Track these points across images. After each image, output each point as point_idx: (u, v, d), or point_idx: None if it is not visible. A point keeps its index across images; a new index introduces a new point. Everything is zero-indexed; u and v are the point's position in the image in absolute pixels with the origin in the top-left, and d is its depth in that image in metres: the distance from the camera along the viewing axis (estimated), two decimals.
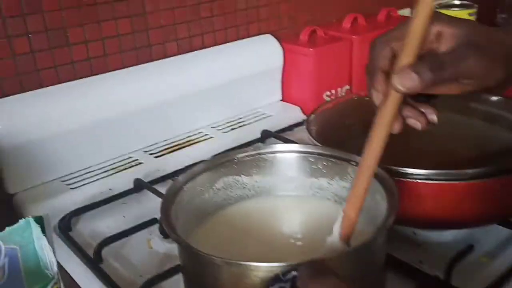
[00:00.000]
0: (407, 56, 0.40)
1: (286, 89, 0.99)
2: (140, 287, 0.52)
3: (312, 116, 0.66)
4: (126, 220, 0.67)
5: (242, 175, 0.55)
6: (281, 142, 0.81)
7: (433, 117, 0.46)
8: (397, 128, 0.45)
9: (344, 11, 1.03)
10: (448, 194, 0.53)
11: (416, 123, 0.45)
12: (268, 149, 0.56)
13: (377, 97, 0.45)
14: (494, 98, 0.69)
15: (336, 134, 0.64)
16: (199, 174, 0.52)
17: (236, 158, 0.55)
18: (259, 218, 0.54)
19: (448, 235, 0.59)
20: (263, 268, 0.37)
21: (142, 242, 0.63)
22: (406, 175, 0.53)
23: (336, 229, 0.43)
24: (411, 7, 1.22)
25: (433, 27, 0.43)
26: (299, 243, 0.50)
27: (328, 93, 0.96)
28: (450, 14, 0.45)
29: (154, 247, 0.62)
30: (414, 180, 0.53)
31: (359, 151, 0.57)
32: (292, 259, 0.37)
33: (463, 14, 1.15)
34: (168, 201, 0.47)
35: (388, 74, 0.43)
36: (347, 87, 1.00)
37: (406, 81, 0.39)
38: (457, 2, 1.24)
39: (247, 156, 0.55)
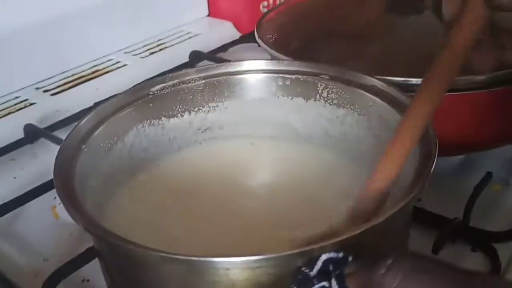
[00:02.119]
0: None
1: (213, 1, 0.81)
2: (46, 282, 0.35)
3: (264, 21, 0.50)
4: (18, 183, 0.49)
5: (163, 118, 0.38)
6: None
7: None
8: None
9: None
10: (460, 108, 0.40)
11: None
12: (198, 74, 0.39)
13: (449, 11, 0.31)
14: None
15: (296, 43, 0.49)
16: (101, 124, 0.34)
17: (151, 93, 0.37)
18: (200, 177, 0.37)
19: (440, 161, 0.47)
20: (239, 264, 0.22)
21: (44, 211, 0.45)
22: (407, 86, 0.39)
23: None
24: None
25: None
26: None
27: (266, 3, 0.80)
28: None
29: (62, 216, 0.45)
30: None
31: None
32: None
33: None
34: (65, 163, 0.30)
35: None
36: None
37: None
38: None
39: (167, 87, 0.38)
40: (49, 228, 0.44)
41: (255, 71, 0.39)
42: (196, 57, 0.68)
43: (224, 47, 0.72)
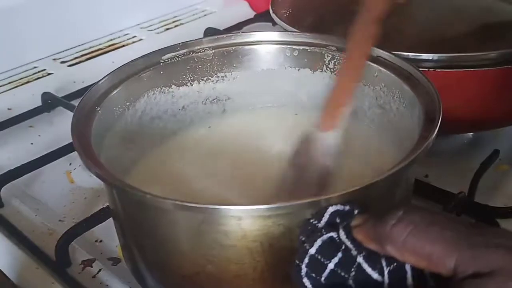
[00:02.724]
0: None
1: None
2: (61, 239, 0.37)
3: None
4: (35, 148, 0.51)
5: (173, 86, 0.39)
6: None
7: None
8: None
9: None
10: (471, 84, 0.40)
11: None
12: (209, 43, 0.39)
13: None
14: None
15: (311, 19, 0.49)
16: (115, 88, 0.35)
17: (161, 61, 0.38)
18: (213, 142, 0.39)
19: (448, 139, 0.47)
20: (251, 212, 0.23)
21: (59, 176, 0.47)
22: (418, 62, 0.39)
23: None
24: None
25: None
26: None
27: None
28: None
29: (77, 181, 0.46)
30: (426, 69, 0.39)
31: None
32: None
33: None
34: (81, 120, 0.31)
35: None
36: None
37: None
38: None
39: (178, 56, 0.38)
40: (64, 191, 0.45)
41: (263, 42, 0.39)
42: (211, 34, 0.68)
43: (239, 25, 0.72)
